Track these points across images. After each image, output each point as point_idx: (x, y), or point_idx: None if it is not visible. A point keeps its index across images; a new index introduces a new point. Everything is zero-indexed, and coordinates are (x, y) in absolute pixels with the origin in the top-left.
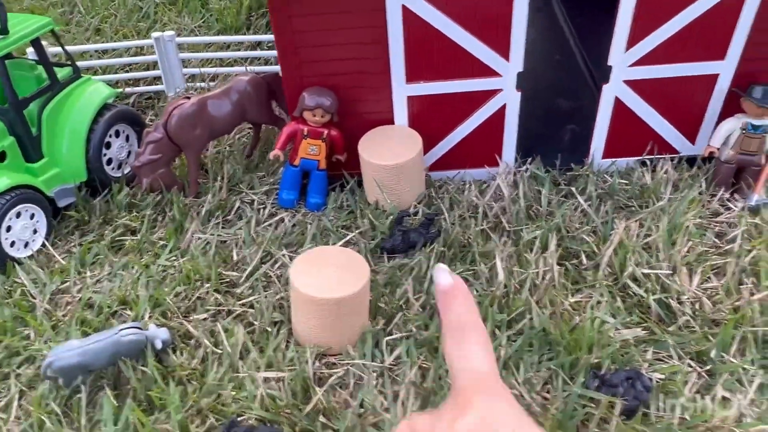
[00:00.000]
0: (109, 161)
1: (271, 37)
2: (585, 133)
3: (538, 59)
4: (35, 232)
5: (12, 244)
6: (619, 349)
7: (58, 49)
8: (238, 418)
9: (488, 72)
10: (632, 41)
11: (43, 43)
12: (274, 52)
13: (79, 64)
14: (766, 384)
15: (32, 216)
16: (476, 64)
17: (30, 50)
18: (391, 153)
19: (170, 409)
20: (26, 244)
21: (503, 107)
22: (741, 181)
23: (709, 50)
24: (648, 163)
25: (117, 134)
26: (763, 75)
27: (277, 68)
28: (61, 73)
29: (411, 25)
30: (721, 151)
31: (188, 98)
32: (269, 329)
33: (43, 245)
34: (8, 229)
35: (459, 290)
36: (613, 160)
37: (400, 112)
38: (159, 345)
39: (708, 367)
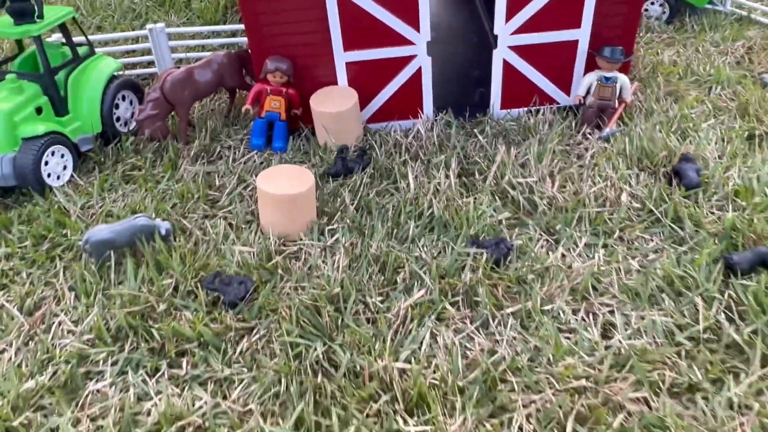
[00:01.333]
0: (118, 119)
1: (243, 26)
2: (490, 92)
3: (458, 35)
4: (65, 168)
5: (48, 175)
6: (492, 226)
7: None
8: (224, 273)
9: (404, 41)
10: (509, 15)
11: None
12: (245, 39)
13: None
14: (589, 243)
15: (62, 156)
16: (395, 35)
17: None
18: (334, 104)
19: (173, 265)
20: (58, 177)
21: (419, 70)
22: (602, 120)
23: (568, 21)
24: (534, 111)
25: (123, 98)
26: (610, 39)
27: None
28: (81, 50)
29: (344, 6)
30: (586, 98)
31: (178, 67)
32: (243, 226)
33: (72, 177)
34: (46, 163)
35: None
36: (508, 110)
37: (342, 75)
38: (163, 232)
39: (555, 237)
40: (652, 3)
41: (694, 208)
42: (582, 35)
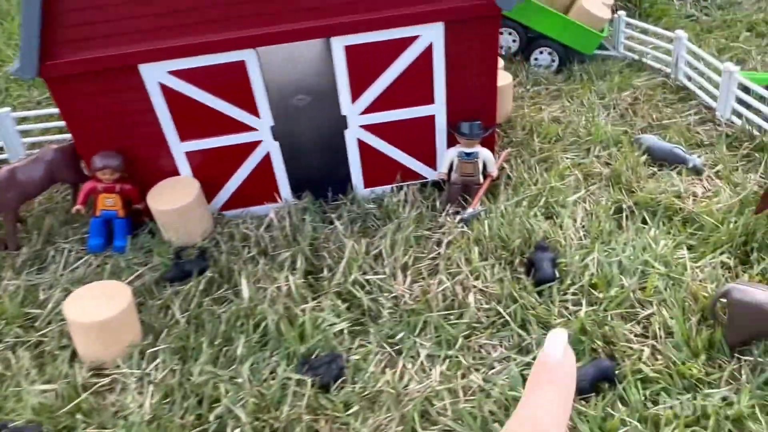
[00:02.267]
0: None
1: None
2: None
3: (330, 103)
4: None
5: None
6: (331, 339)
7: None
8: (11, 423)
9: (245, 128)
10: (355, 95)
11: None
12: None
13: None
14: (432, 354)
15: None
16: (233, 122)
17: None
18: (172, 200)
19: None
20: None
21: (268, 155)
22: (466, 199)
23: (420, 98)
24: (400, 189)
25: None
26: (470, 112)
27: None
28: None
29: (171, 97)
30: (451, 174)
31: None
32: (57, 352)
33: None
34: None
35: (561, 373)
36: (372, 189)
37: (183, 165)
38: None
39: (397, 347)
40: (541, 52)
41: (548, 305)
42: (437, 110)
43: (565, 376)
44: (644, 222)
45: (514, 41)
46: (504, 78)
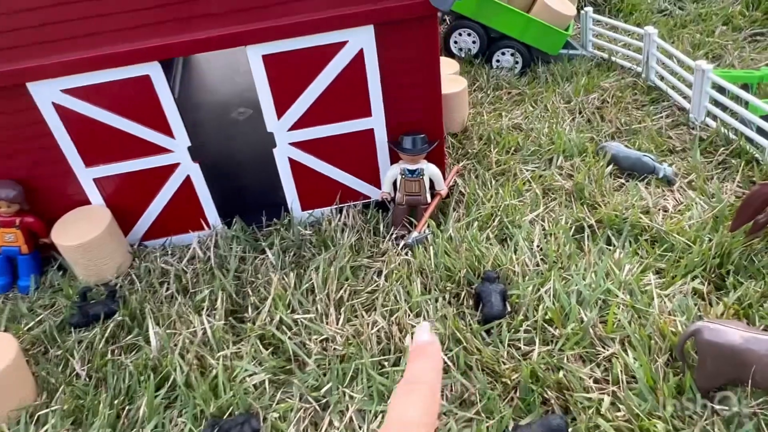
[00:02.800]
0: None
1: None
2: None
3: (256, 129)
4: None
5: None
6: (248, 394)
7: None
8: None
9: (159, 150)
10: (280, 110)
11: None
12: None
13: None
14: (362, 408)
15: None
16: (145, 144)
17: None
18: (77, 233)
19: None
20: None
21: (188, 178)
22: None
23: (356, 110)
24: (340, 211)
25: None
26: (410, 125)
27: None
28: None
29: (69, 118)
30: (396, 194)
31: None
32: None
33: None
34: None
35: (430, 349)
36: (311, 211)
37: (93, 193)
38: None
39: (325, 400)
40: (503, 53)
41: (496, 346)
42: (376, 123)
43: (434, 351)
44: (608, 242)
45: (474, 42)
46: (458, 84)
